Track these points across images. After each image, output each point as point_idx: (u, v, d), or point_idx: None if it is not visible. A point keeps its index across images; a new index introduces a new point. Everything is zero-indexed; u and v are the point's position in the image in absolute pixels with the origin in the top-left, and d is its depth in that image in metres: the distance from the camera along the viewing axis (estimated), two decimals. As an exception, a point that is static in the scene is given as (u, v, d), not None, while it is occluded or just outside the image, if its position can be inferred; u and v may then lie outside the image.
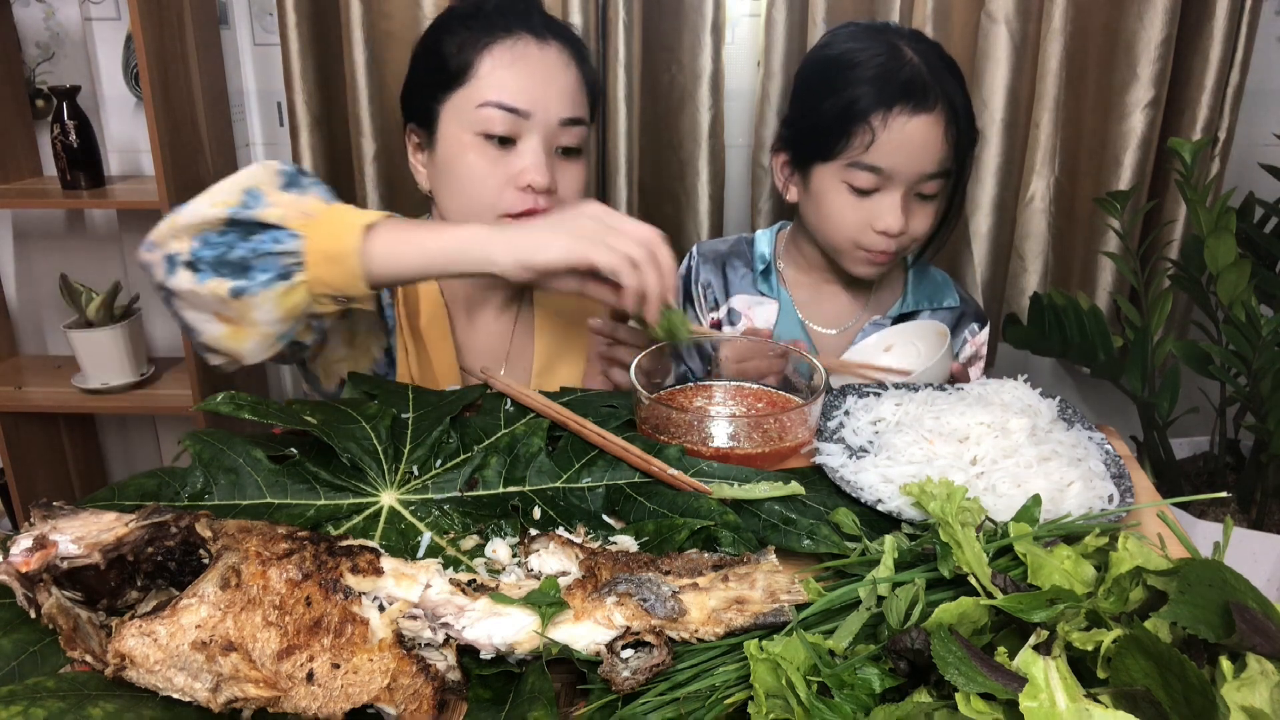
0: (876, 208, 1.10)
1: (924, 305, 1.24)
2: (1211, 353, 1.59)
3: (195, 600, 0.50)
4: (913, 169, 1.08)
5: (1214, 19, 1.66)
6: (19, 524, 1.90)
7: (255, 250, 0.75)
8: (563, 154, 1.01)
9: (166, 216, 0.77)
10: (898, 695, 0.49)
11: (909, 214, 1.10)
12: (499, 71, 0.97)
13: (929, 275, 1.27)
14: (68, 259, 1.95)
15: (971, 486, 0.70)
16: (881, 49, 1.08)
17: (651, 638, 0.53)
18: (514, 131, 0.98)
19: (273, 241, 0.75)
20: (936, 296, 1.25)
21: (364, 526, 0.66)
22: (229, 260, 0.75)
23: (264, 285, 0.75)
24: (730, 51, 1.75)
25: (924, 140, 1.06)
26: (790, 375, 0.92)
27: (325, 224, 0.77)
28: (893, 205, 1.09)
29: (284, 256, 0.76)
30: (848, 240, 1.14)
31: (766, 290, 1.25)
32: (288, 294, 0.76)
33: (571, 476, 0.73)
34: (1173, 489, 1.76)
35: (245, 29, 1.84)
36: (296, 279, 0.76)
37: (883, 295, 1.26)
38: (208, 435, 0.72)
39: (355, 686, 0.49)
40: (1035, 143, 1.76)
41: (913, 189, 1.10)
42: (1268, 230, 1.76)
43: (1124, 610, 0.51)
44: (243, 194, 0.76)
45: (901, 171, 1.08)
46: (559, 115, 0.99)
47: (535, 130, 0.98)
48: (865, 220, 1.11)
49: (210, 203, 0.76)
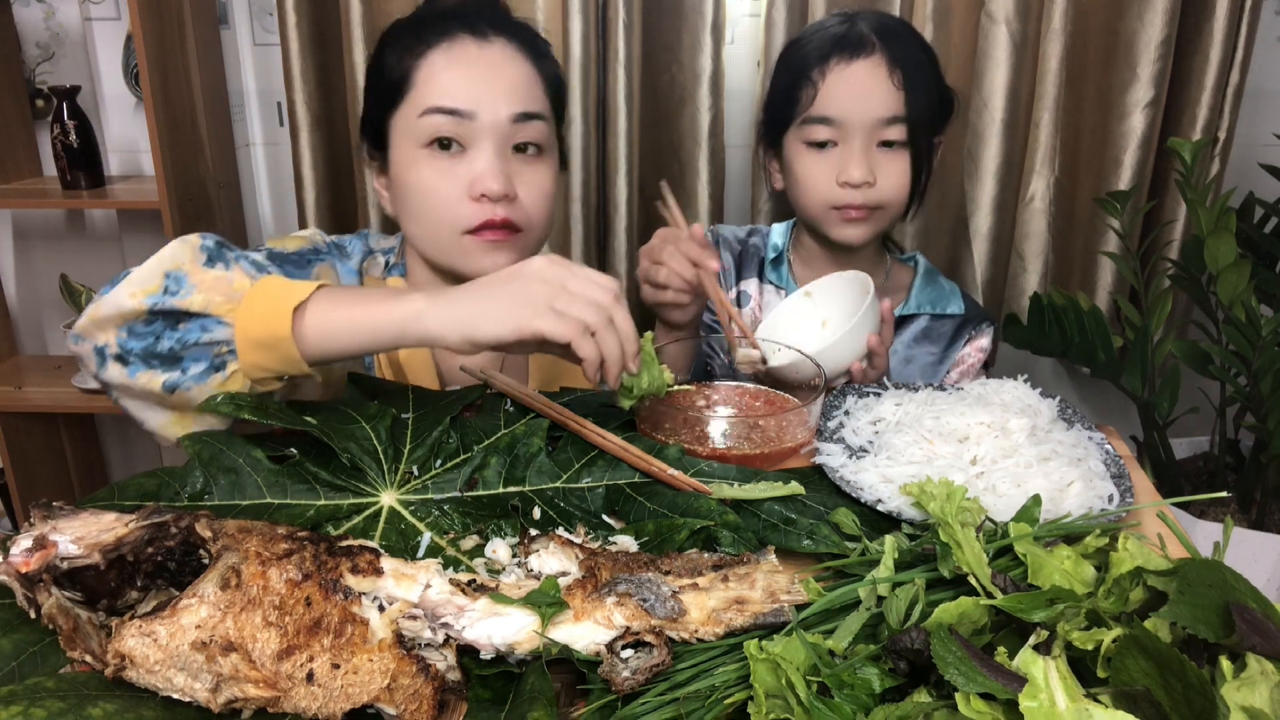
0: (840, 160, 1.10)
1: (926, 309, 1.23)
2: (1211, 353, 1.59)
3: (195, 600, 0.50)
4: (863, 114, 1.07)
5: (1214, 19, 1.66)
6: (19, 524, 1.90)
7: (183, 341, 0.71)
8: (521, 154, 0.95)
9: (89, 305, 0.73)
10: (898, 695, 0.49)
11: (875, 165, 1.09)
12: (437, 75, 0.92)
13: (936, 282, 1.26)
14: (68, 259, 1.96)
15: (971, 486, 0.70)
16: (836, 21, 1.12)
17: (651, 638, 0.53)
18: (461, 136, 0.92)
19: (200, 331, 0.71)
20: (941, 302, 1.24)
21: (364, 526, 0.66)
22: (157, 353, 0.71)
23: (197, 379, 0.72)
24: (730, 51, 1.75)
25: (866, 84, 1.07)
26: None
27: (254, 306, 0.71)
28: (854, 154, 1.08)
29: (214, 346, 0.72)
30: (821, 203, 1.13)
31: (776, 279, 1.25)
32: (224, 385, 0.73)
33: (571, 476, 0.73)
34: (1173, 489, 1.76)
35: (245, 29, 1.84)
36: (231, 368, 0.72)
37: (888, 294, 1.24)
38: (208, 435, 0.72)
39: (355, 687, 0.49)
40: (1035, 143, 1.76)
41: (872, 138, 1.09)
42: (1268, 230, 1.76)
43: (1124, 610, 0.51)
44: (164, 279, 0.71)
45: (852, 118, 1.08)
46: (508, 112, 0.92)
47: (484, 132, 0.92)
48: (832, 175, 1.10)
49: (129, 292, 0.70)
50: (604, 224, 1.81)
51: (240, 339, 0.71)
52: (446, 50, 0.93)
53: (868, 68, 1.07)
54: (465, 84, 0.92)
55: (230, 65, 1.83)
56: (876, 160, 1.09)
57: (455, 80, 0.92)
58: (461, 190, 0.92)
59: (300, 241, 0.97)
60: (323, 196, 1.76)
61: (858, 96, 1.07)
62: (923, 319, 1.23)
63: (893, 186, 1.11)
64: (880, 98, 1.07)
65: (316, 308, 0.72)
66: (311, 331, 0.72)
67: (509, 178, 0.92)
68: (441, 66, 0.92)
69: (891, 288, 1.26)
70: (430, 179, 0.93)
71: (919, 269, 1.26)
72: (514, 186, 0.93)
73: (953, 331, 1.23)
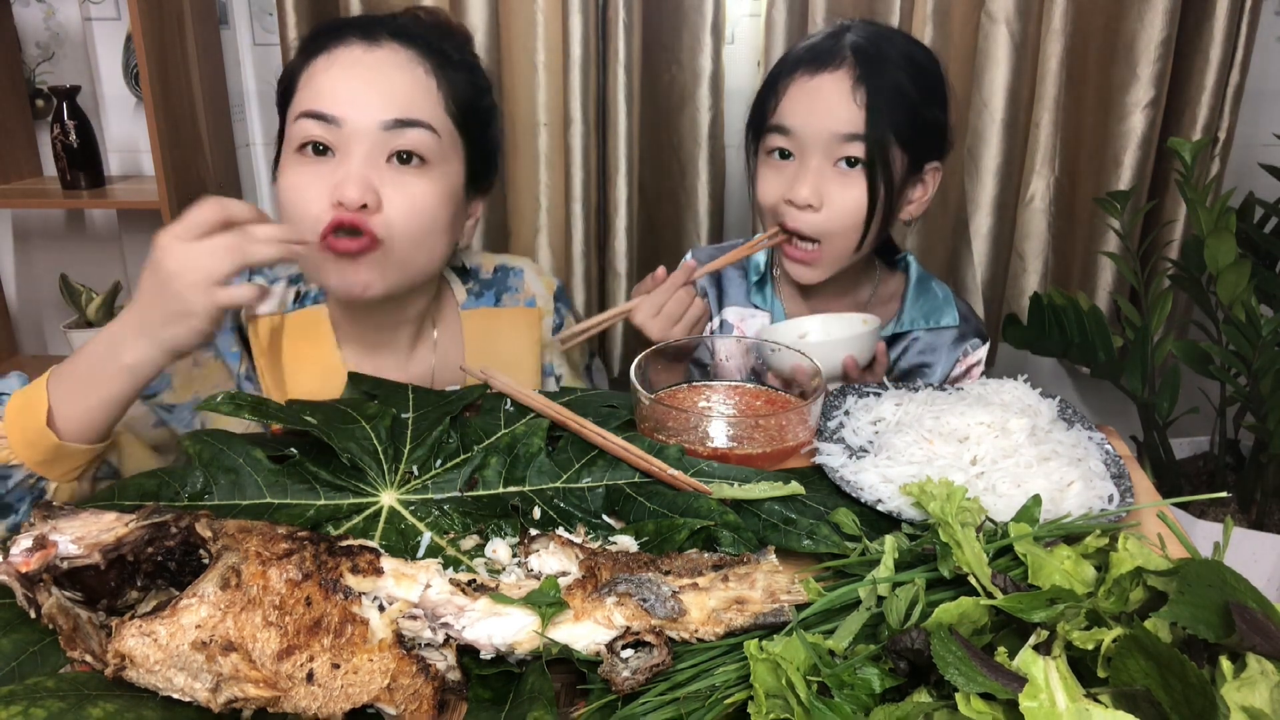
0: (793, 176, 1.05)
1: (919, 325, 1.17)
2: (1211, 353, 1.59)
3: (195, 600, 0.50)
4: (819, 127, 1.02)
5: (1214, 19, 1.66)
6: (19, 524, 1.90)
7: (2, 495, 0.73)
8: (403, 164, 0.88)
9: None
10: (898, 695, 0.49)
11: (826, 185, 1.03)
12: (315, 80, 0.89)
13: (929, 291, 1.19)
14: (68, 259, 1.96)
15: (971, 486, 0.70)
16: (820, 35, 1.09)
17: (651, 638, 0.53)
18: (332, 142, 0.87)
19: (4, 480, 0.73)
20: (935, 315, 1.17)
21: (364, 526, 0.66)
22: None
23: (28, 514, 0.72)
24: (730, 51, 1.75)
25: (827, 98, 1.02)
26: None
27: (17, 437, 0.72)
28: (805, 170, 1.04)
29: (24, 484, 0.73)
30: (771, 214, 1.09)
31: (760, 302, 1.21)
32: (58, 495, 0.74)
33: (571, 476, 0.73)
34: (1173, 489, 1.76)
35: (245, 29, 1.84)
36: (50, 488, 0.74)
37: (880, 309, 1.19)
38: (208, 435, 0.72)
39: (355, 686, 0.49)
40: (1035, 143, 1.76)
41: (829, 154, 1.03)
42: (1268, 230, 1.76)
43: (1124, 610, 0.51)
44: None
45: (808, 130, 1.03)
46: (380, 118, 0.86)
47: (354, 139, 0.86)
48: (782, 187, 1.06)
49: None
50: (604, 224, 1.81)
51: (33, 467, 0.73)
52: (330, 54, 0.89)
53: (831, 81, 1.02)
54: (340, 88, 0.88)
55: (230, 65, 1.83)
56: (830, 180, 1.04)
57: (332, 83, 0.88)
58: (322, 194, 0.86)
59: None
60: (323, 196, 1.76)
61: (814, 108, 1.03)
62: (918, 335, 1.17)
63: (841, 211, 1.04)
64: (840, 113, 1.02)
65: (60, 407, 0.73)
66: (71, 426, 0.73)
67: (374, 188, 0.86)
68: (320, 69, 0.89)
69: (882, 299, 1.20)
70: (296, 182, 0.88)
71: (911, 277, 1.20)
72: (379, 196, 0.86)
73: (949, 344, 1.17)
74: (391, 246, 0.88)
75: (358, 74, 0.88)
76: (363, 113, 0.86)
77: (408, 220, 0.88)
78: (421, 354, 1.04)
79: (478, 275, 1.10)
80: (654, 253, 1.87)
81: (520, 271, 1.13)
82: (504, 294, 1.10)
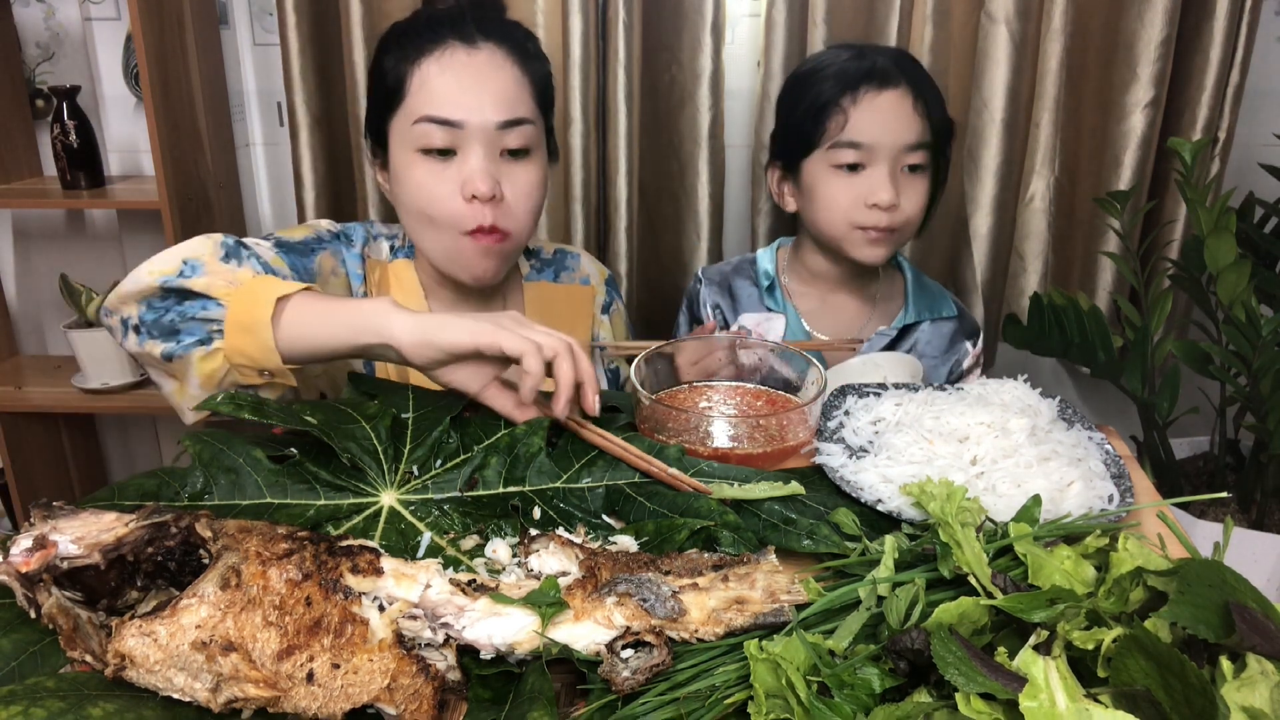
0: (867, 183, 1.15)
1: (925, 315, 1.28)
2: (1211, 353, 1.59)
3: (195, 600, 0.50)
4: (892, 140, 1.14)
5: (1214, 19, 1.66)
6: (19, 524, 1.90)
7: (184, 315, 0.80)
8: (511, 156, 1.00)
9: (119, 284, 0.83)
10: (898, 695, 0.49)
11: (899, 188, 1.15)
12: (429, 84, 0.97)
13: (926, 286, 1.32)
14: (68, 259, 1.95)
15: (971, 486, 0.70)
16: (846, 53, 1.19)
17: (651, 638, 0.53)
18: (452, 143, 0.97)
19: (200, 308, 0.80)
20: (935, 306, 1.30)
21: (364, 526, 0.66)
22: (162, 324, 0.81)
23: (186, 349, 0.80)
24: (730, 51, 1.75)
25: (895, 112, 1.14)
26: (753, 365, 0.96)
27: (246, 294, 0.79)
28: (882, 178, 1.14)
29: (208, 323, 0.80)
30: (845, 223, 1.18)
31: (773, 305, 1.29)
32: (206, 359, 0.80)
33: (571, 476, 0.73)
34: (1173, 489, 1.76)
35: (245, 29, 1.84)
36: (215, 345, 0.80)
37: (887, 305, 1.30)
38: (208, 435, 0.72)
39: (355, 686, 0.49)
40: (1035, 143, 1.76)
41: (898, 162, 1.15)
42: (1268, 230, 1.76)
43: (1124, 610, 0.51)
44: (181, 263, 0.81)
45: (881, 143, 1.14)
46: (495, 120, 0.97)
47: (474, 138, 0.97)
48: (858, 197, 1.16)
49: (149, 270, 0.81)
50: (604, 224, 1.81)
51: (229, 320, 0.79)
52: (438, 58, 0.97)
53: (896, 97, 1.14)
54: (455, 94, 0.96)
55: (230, 65, 1.83)
56: (900, 183, 1.15)
57: (447, 89, 0.97)
58: (454, 190, 0.97)
59: (306, 231, 1.05)
60: (322, 196, 1.76)
61: (887, 123, 1.14)
62: (924, 326, 1.28)
63: (914, 208, 1.17)
64: (907, 125, 1.14)
65: (298, 301, 0.79)
66: (288, 323, 0.78)
67: (496, 180, 0.97)
68: (433, 74, 0.97)
69: (890, 294, 1.30)
70: (425, 180, 0.98)
71: (908, 274, 1.32)
72: (501, 188, 0.98)
73: (950, 335, 1.29)
74: (516, 234, 1.02)
75: (469, 78, 0.97)
76: (479, 115, 0.96)
77: (523, 205, 1.01)
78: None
79: (539, 255, 1.22)
80: (654, 253, 1.87)
81: (577, 255, 1.25)
82: (562, 272, 1.22)
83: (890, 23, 1.66)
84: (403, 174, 1.00)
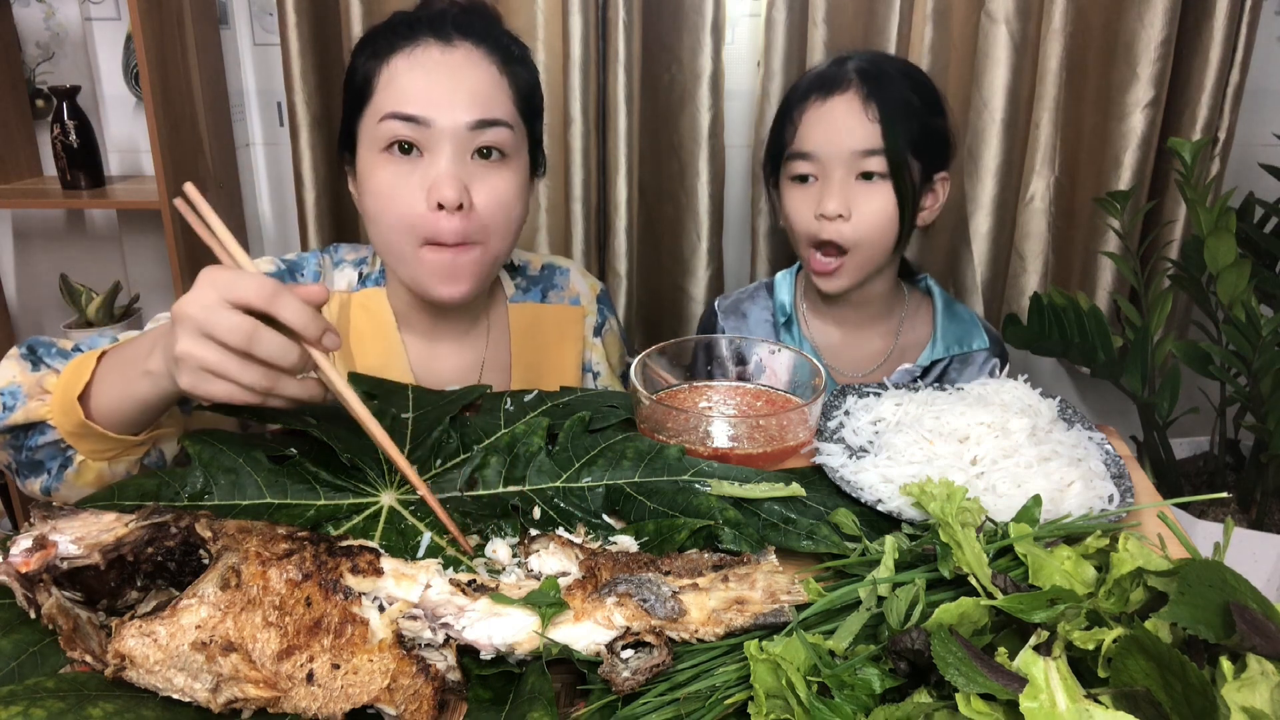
0: (817, 194, 1.12)
1: (954, 349, 1.20)
2: (1211, 353, 1.59)
3: (195, 600, 0.50)
4: (838, 147, 1.09)
5: (1214, 19, 1.66)
6: (19, 524, 1.90)
7: (33, 448, 0.74)
8: (484, 159, 0.92)
9: None
10: (898, 695, 0.49)
11: (852, 197, 1.10)
12: (397, 80, 0.90)
13: (956, 314, 1.23)
14: (68, 259, 1.96)
15: (971, 486, 0.70)
16: (824, 64, 1.15)
17: (651, 638, 0.53)
18: (419, 141, 0.90)
19: (40, 436, 0.73)
20: (966, 339, 1.21)
21: (364, 526, 0.66)
22: (26, 463, 0.75)
23: (58, 478, 0.74)
24: (730, 51, 1.75)
25: (842, 118, 1.09)
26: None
27: (58, 403, 0.72)
28: (830, 187, 1.10)
29: (55, 445, 0.73)
30: (804, 236, 1.14)
31: (790, 342, 1.23)
32: (79, 475, 0.74)
33: (571, 476, 0.73)
34: (1173, 489, 1.76)
35: (245, 29, 1.84)
36: (77, 460, 0.73)
37: (911, 340, 1.23)
38: (208, 435, 0.72)
39: (355, 687, 0.49)
40: (1035, 143, 1.76)
41: (851, 170, 1.10)
42: (1268, 230, 1.76)
43: (1124, 611, 0.51)
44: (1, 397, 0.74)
45: (828, 151, 1.10)
46: (466, 119, 0.89)
47: (443, 138, 0.89)
48: (810, 208, 1.12)
49: None
50: (604, 224, 1.81)
51: (64, 434, 0.72)
52: (408, 55, 0.91)
53: (842, 103, 1.09)
54: (424, 90, 0.90)
55: (230, 65, 1.83)
56: (855, 193, 1.10)
57: (415, 85, 0.90)
58: (418, 194, 0.89)
59: None
60: (323, 196, 1.76)
61: (831, 130, 1.10)
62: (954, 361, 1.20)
63: (871, 220, 1.10)
64: (856, 131, 1.08)
65: (98, 385, 0.71)
66: (101, 408, 0.71)
67: (465, 185, 0.90)
68: (401, 70, 0.90)
69: (912, 325, 1.24)
70: (388, 181, 0.91)
71: (937, 302, 1.24)
72: (470, 194, 0.90)
73: (979, 369, 1.21)
74: (487, 244, 0.93)
75: (441, 75, 0.90)
76: (449, 114, 0.89)
77: (495, 214, 0.92)
78: (474, 342, 1.07)
79: (525, 271, 1.14)
80: (654, 253, 1.87)
81: (566, 271, 1.17)
82: (549, 291, 1.15)
83: (890, 23, 1.66)
84: (366, 177, 0.93)
